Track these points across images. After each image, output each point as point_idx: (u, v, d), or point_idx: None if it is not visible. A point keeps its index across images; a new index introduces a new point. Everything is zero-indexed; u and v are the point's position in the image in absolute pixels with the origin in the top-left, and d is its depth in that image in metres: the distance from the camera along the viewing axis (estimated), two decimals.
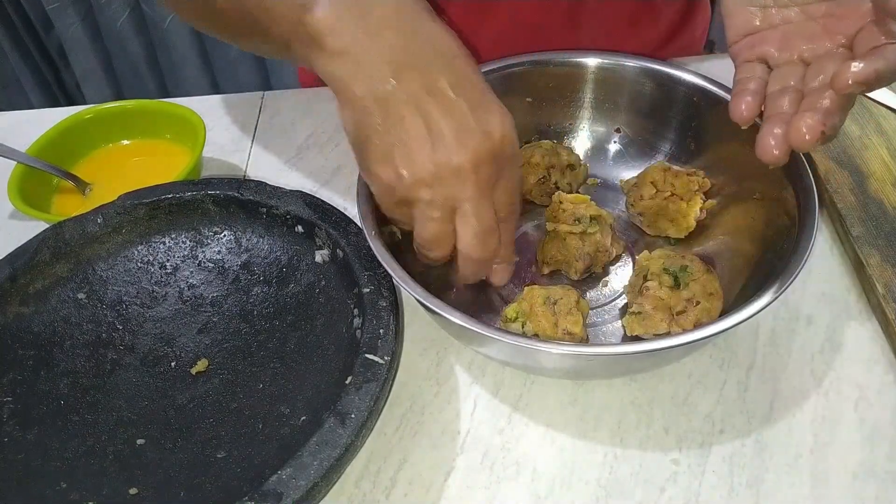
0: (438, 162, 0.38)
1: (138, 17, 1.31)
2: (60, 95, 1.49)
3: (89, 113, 0.65)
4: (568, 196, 0.51)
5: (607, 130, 0.59)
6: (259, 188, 0.52)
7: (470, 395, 0.47)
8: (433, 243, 0.42)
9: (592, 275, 0.52)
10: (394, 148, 0.39)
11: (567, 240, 0.50)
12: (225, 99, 0.74)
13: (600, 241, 0.50)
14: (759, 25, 0.42)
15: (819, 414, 0.45)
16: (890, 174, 0.56)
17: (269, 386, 0.47)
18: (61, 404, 0.47)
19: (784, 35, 0.41)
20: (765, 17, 0.42)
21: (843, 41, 0.39)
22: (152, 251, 0.53)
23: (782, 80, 0.40)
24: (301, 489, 0.36)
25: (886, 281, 0.49)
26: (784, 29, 0.41)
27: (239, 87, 1.39)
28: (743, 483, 0.42)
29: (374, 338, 0.42)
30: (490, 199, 0.41)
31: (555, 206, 0.51)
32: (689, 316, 0.44)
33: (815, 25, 0.40)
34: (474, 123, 0.39)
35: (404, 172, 0.39)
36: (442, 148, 0.38)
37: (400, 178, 0.39)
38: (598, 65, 0.56)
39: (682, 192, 0.51)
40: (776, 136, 0.38)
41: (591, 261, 0.50)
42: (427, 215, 0.40)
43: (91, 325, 0.50)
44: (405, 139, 0.38)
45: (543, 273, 0.52)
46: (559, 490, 0.43)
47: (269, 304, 0.51)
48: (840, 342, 0.48)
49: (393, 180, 0.39)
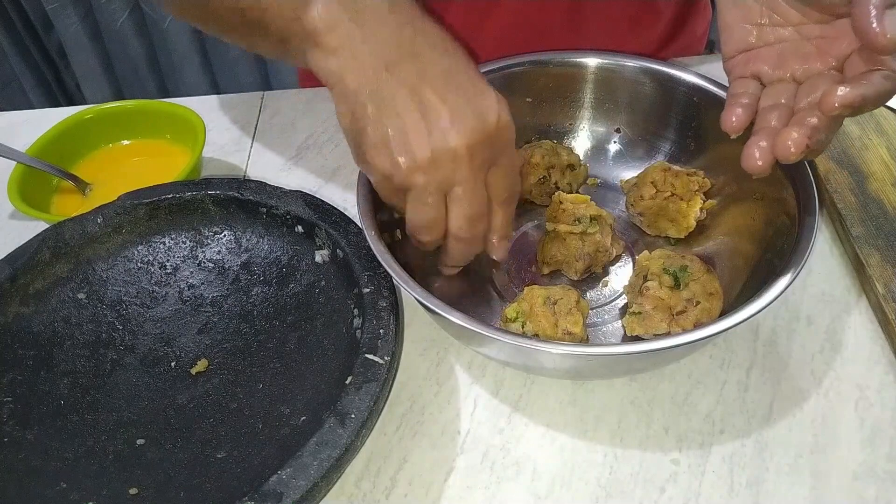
0: (435, 147, 0.39)
1: (138, 17, 1.31)
2: (60, 95, 1.49)
3: (89, 113, 0.65)
4: (568, 196, 0.51)
5: (607, 130, 0.59)
6: (259, 188, 0.52)
7: (470, 395, 0.47)
8: (425, 228, 0.42)
9: (592, 275, 0.52)
10: (389, 136, 0.39)
11: (567, 240, 0.50)
12: (225, 99, 0.74)
13: (600, 242, 0.50)
14: (754, 43, 0.43)
15: (819, 414, 0.45)
16: (890, 174, 0.56)
17: (269, 386, 0.47)
18: (61, 404, 0.47)
19: (778, 54, 0.42)
20: (760, 34, 0.43)
21: (834, 63, 0.40)
22: (152, 251, 0.53)
23: (774, 97, 0.41)
24: (301, 489, 0.36)
25: (886, 281, 0.49)
26: (778, 48, 0.42)
27: (239, 87, 1.39)
28: (743, 483, 0.42)
29: (374, 338, 0.42)
30: (483, 182, 0.41)
31: (555, 205, 0.51)
32: (689, 316, 0.44)
33: (808, 46, 0.41)
34: (469, 108, 0.39)
35: (401, 159, 0.39)
36: (438, 133, 0.39)
37: (397, 166, 0.39)
38: (599, 65, 0.56)
39: (682, 192, 0.51)
40: (762, 149, 0.39)
41: (591, 261, 0.50)
42: (421, 200, 0.41)
43: (91, 325, 0.50)
44: (400, 127, 0.39)
45: (543, 273, 0.52)
46: (559, 490, 0.43)
47: (269, 304, 0.51)
48: (840, 342, 0.48)
49: (389, 168, 0.40)
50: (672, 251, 0.48)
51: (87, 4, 1.30)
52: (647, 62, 0.55)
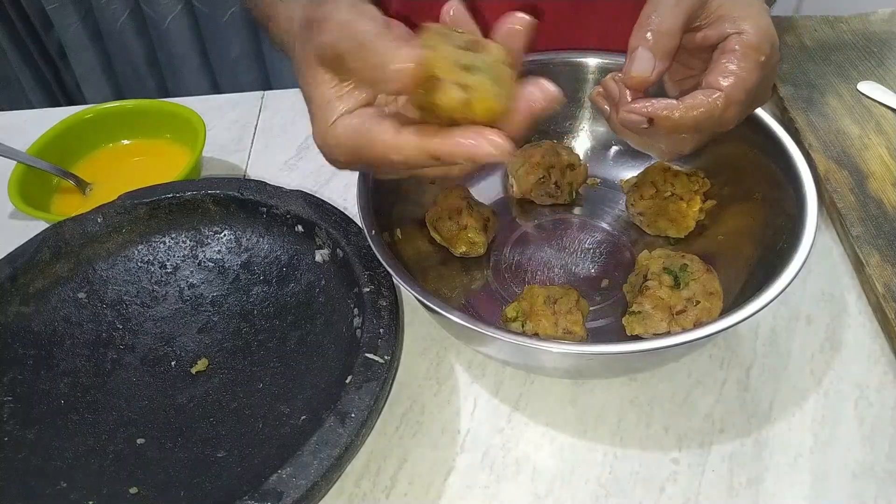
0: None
1: (138, 17, 1.31)
2: (60, 95, 1.49)
3: (89, 113, 0.65)
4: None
5: (607, 130, 0.59)
6: (259, 188, 0.52)
7: (470, 395, 0.47)
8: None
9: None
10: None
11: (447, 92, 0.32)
12: (225, 99, 0.74)
13: (489, 92, 0.32)
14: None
15: (819, 413, 0.45)
16: (890, 174, 0.56)
17: (269, 385, 0.47)
18: (61, 404, 0.47)
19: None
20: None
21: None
22: (152, 251, 0.53)
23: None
24: (301, 488, 0.36)
25: (886, 281, 0.49)
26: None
27: (239, 87, 1.39)
28: (743, 482, 0.42)
29: (374, 337, 0.42)
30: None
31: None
32: (688, 315, 0.44)
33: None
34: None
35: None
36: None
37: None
38: (599, 65, 0.56)
39: (682, 192, 0.51)
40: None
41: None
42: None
43: (91, 325, 0.50)
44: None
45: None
46: (559, 489, 0.43)
47: (269, 303, 0.51)
48: (840, 342, 0.49)
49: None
50: (672, 251, 0.48)
51: (87, 4, 1.30)
52: None
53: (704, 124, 0.39)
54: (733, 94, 0.39)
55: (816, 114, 0.62)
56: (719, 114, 0.39)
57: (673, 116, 0.39)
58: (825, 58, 0.69)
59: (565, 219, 0.56)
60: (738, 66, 0.39)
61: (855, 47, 0.70)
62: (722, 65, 0.39)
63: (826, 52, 0.69)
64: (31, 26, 1.35)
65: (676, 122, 0.39)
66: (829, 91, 0.65)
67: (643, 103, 0.40)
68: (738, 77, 0.39)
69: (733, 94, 0.39)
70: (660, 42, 0.39)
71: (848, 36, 0.71)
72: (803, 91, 0.65)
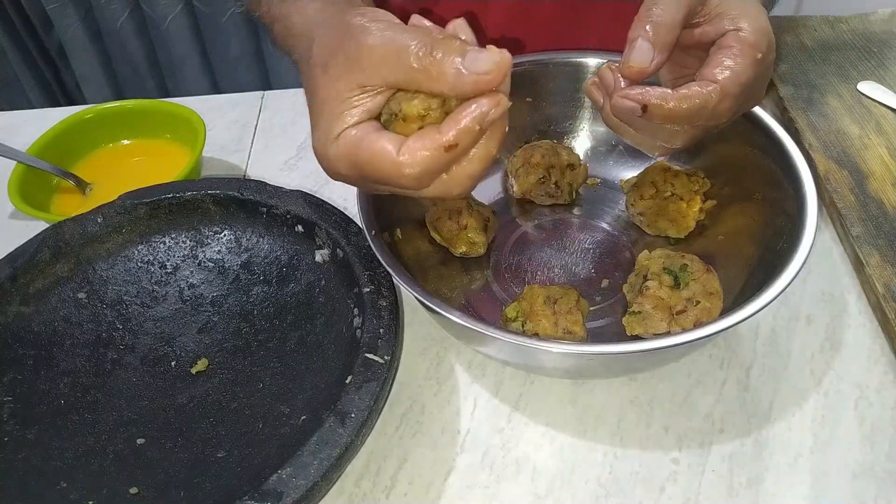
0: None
1: (138, 17, 1.31)
2: (60, 95, 1.49)
3: (89, 113, 0.65)
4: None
5: (607, 130, 0.58)
6: (259, 188, 0.52)
7: (470, 395, 0.47)
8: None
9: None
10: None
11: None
12: (225, 99, 0.74)
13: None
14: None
15: (819, 413, 0.45)
16: (890, 174, 0.56)
17: (268, 385, 0.47)
18: (61, 404, 0.47)
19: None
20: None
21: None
22: (152, 251, 0.53)
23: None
24: (301, 488, 0.36)
25: (886, 281, 0.49)
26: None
27: (239, 87, 1.39)
28: (743, 482, 0.42)
29: (374, 337, 0.42)
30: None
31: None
32: (688, 315, 0.44)
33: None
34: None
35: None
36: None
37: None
38: (599, 65, 0.56)
39: (682, 192, 0.51)
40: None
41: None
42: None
43: (91, 325, 0.50)
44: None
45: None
46: (559, 489, 0.43)
47: (269, 303, 0.51)
48: (840, 342, 0.49)
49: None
50: (672, 251, 0.48)
51: (87, 4, 1.30)
52: None
53: (698, 115, 0.39)
54: (728, 87, 0.39)
55: (816, 114, 0.62)
56: (713, 105, 0.39)
57: (667, 105, 0.39)
58: (825, 58, 0.69)
59: (565, 219, 0.56)
60: (735, 62, 0.39)
61: (855, 47, 0.70)
62: (718, 59, 0.39)
63: (826, 52, 0.69)
64: (31, 26, 1.35)
65: (670, 110, 0.39)
66: (829, 91, 0.65)
67: (638, 90, 0.40)
68: (733, 71, 0.39)
69: (728, 87, 0.39)
70: (660, 34, 0.39)
71: (848, 36, 0.71)
72: (803, 91, 0.65)
